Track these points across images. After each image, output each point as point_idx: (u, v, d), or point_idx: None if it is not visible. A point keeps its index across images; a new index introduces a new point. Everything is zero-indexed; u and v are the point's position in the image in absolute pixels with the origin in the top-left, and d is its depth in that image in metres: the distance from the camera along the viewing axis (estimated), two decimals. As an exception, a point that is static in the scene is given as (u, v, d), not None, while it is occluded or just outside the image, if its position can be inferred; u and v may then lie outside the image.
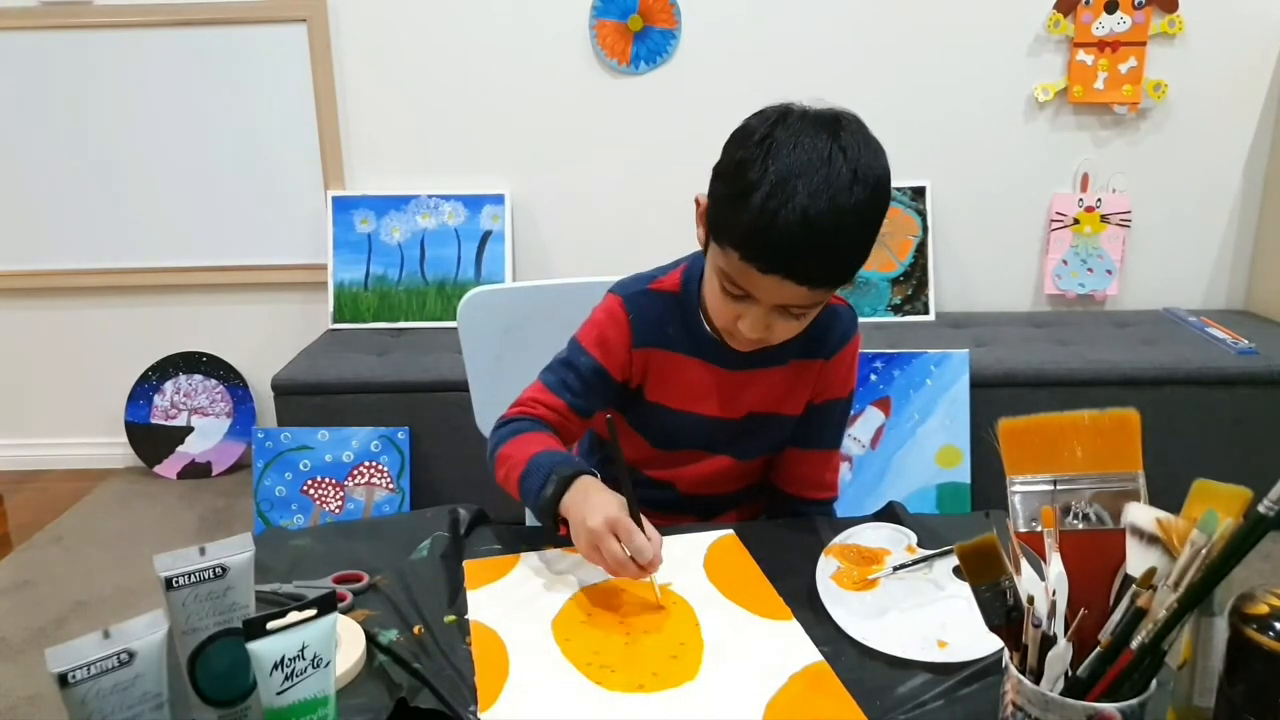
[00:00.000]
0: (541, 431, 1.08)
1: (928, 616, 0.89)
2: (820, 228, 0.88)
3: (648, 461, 1.17)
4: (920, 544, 1.01)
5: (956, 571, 0.95)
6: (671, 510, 1.18)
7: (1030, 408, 0.72)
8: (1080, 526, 0.68)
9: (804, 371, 1.12)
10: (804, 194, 0.88)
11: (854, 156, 0.91)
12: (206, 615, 0.69)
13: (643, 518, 0.93)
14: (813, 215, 0.88)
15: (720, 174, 0.97)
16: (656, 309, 1.10)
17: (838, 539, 1.03)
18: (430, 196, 2.73)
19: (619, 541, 0.90)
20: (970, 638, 0.83)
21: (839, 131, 0.92)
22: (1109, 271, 2.74)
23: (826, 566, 0.98)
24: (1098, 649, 0.63)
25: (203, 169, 2.73)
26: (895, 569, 0.97)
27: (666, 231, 2.73)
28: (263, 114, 2.69)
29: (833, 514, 1.20)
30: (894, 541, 1.02)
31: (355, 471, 2.38)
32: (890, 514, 1.09)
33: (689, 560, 1.01)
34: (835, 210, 0.89)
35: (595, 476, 0.98)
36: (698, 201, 1.02)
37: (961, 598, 0.90)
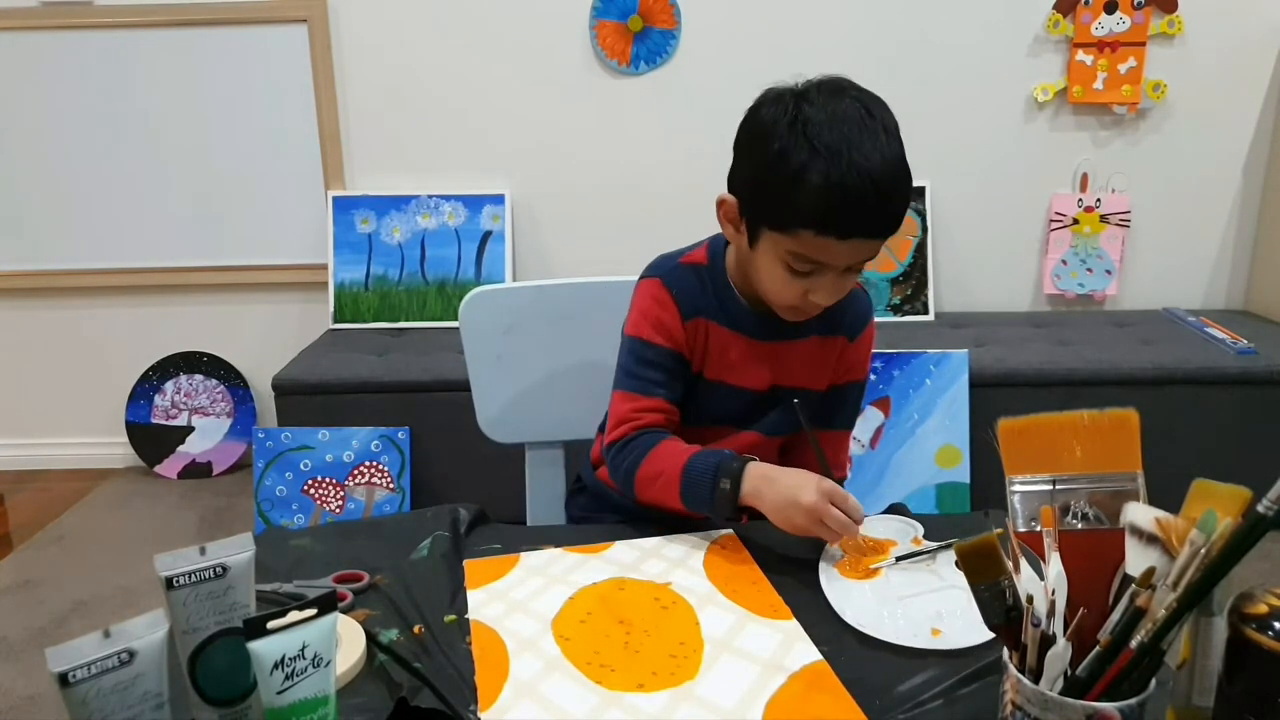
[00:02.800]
0: (669, 439, 1.09)
1: (924, 604, 0.90)
2: (882, 182, 0.94)
3: (678, 432, 1.17)
4: (926, 537, 1.02)
5: (959, 563, 0.95)
6: None
7: (1030, 408, 0.72)
8: (1079, 526, 0.69)
9: (827, 348, 1.15)
10: (859, 157, 0.93)
11: (878, 112, 0.98)
12: (207, 615, 0.69)
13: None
14: (876, 175, 0.94)
15: (759, 169, 0.99)
16: (693, 281, 1.13)
17: None
18: (430, 196, 2.73)
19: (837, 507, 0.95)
20: (965, 626, 0.84)
21: (854, 94, 0.99)
22: (1108, 271, 2.74)
23: (831, 555, 0.99)
24: (1097, 648, 0.63)
25: (203, 169, 2.73)
26: (898, 559, 0.98)
27: (667, 232, 2.72)
28: (263, 114, 2.69)
29: None
30: (901, 533, 1.03)
31: (356, 471, 2.38)
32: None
33: (689, 560, 1.01)
34: (886, 163, 0.95)
35: (755, 460, 1.03)
36: (722, 202, 1.06)
37: (960, 588, 0.90)
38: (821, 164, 0.93)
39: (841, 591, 0.93)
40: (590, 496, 1.30)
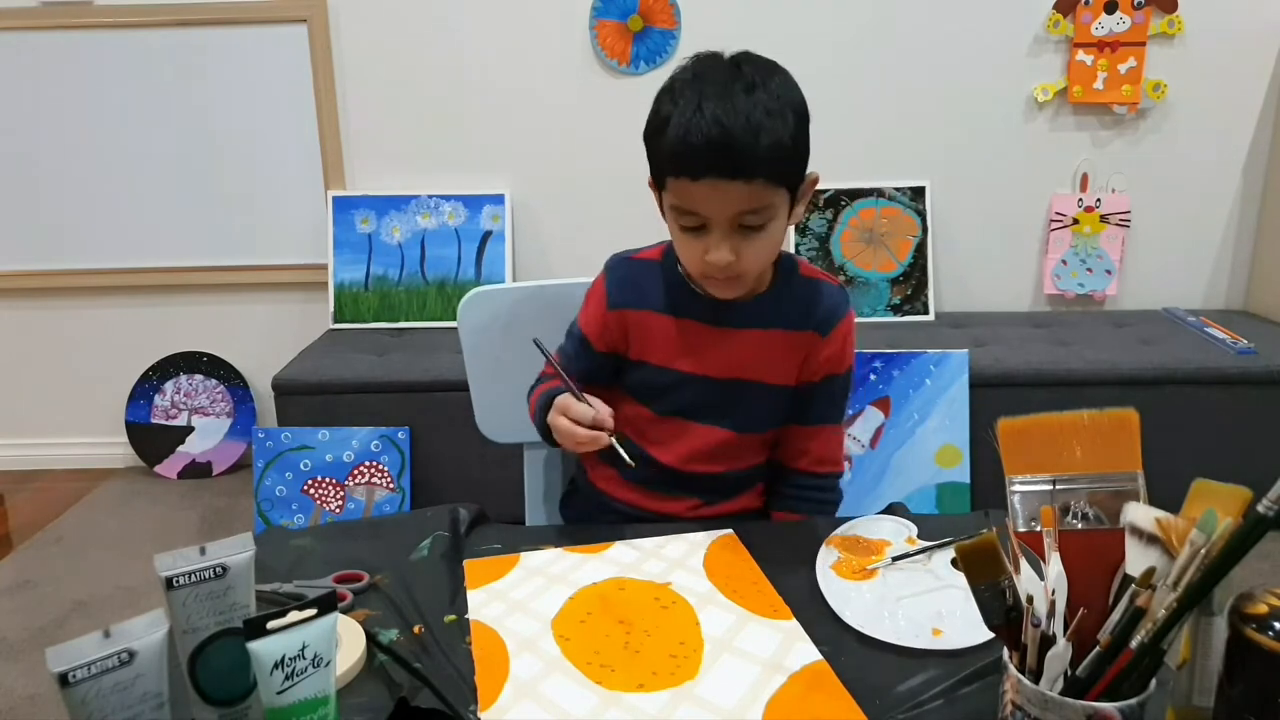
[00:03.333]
0: (545, 383, 1.20)
1: (924, 605, 0.90)
2: (731, 122, 0.96)
3: (646, 427, 1.19)
4: (921, 537, 1.02)
5: (954, 563, 0.95)
6: (674, 490, 1.18)
7: (1029, 407, 0.72)
8: (1079, 526, 0.69)
9: (793, 343, 1.14)
10: (712, 102, 0.97)
11: (752, 75, 1.00)
12: (207, 615, 0.69)
13: (586, 395, 1.08)
14: (722, 115, 0.97)
15: (645, 133, 1.07)
16: (634, 274, 1.18)
17: (839, 530, 1.05)
18: (430, 196, 2.73)
19: (567, 418, 1.05)
20: (965, 626, 0.84)
21: (738, 62, 1.03)
22: (1108, 271, 2.74)
23: (827, 556, 0.99)
24: (1097, 648, 0.63)
25: (203, 169, 2.73)
26: (894, 559, 0.98)
27: (666, 232, 2.73)
28: (263, 114, 2.69)
29: (839, 489, 1.23)
30: (895, 533, 1.04)
31: (356, 471, 2.38)
32: (892, 514, 1.10)
33: (689, 559, 1.01)
34: (743, 108, 0.97)
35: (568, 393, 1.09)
36: (651, 183, 1.11)
37: (958, 588, 0.90)
38: (679, 114, 0.99)
39: (841, 592, 0.93)
40: (584, 498, 1.30)
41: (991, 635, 0.68)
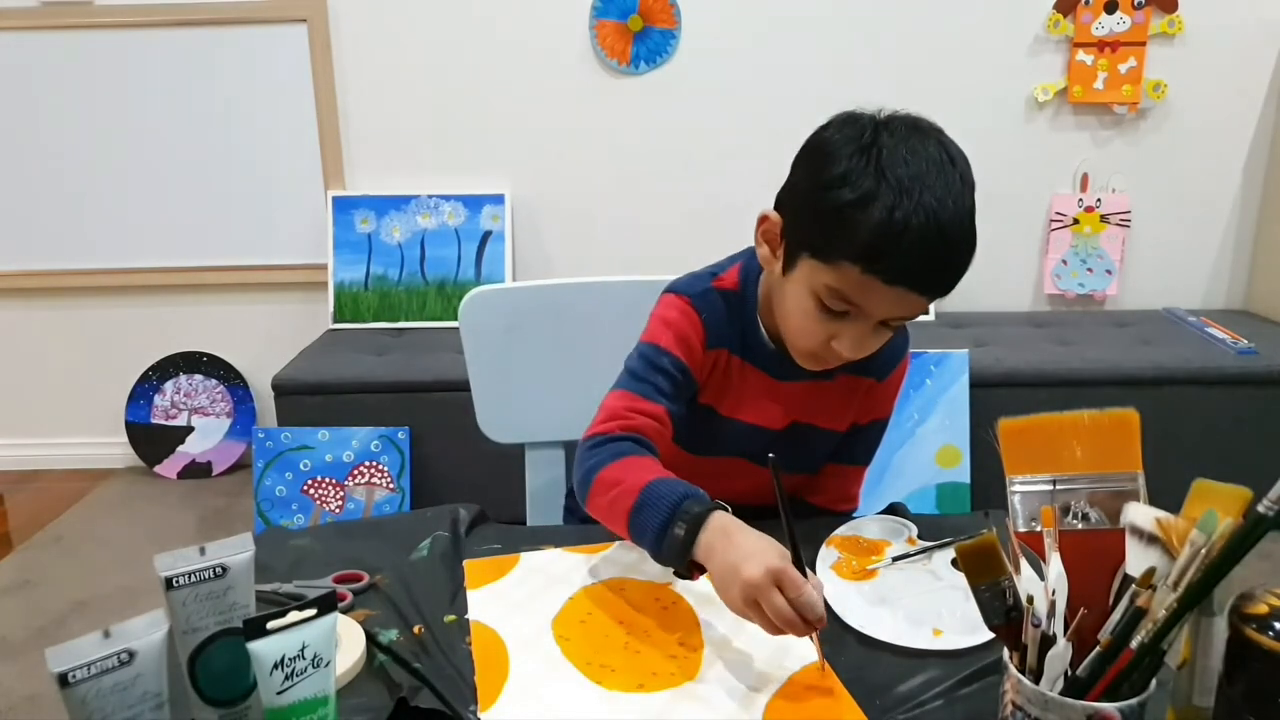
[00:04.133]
0: (648, 455, 0.98)
1: (924, 605, 0.90)
2: (950, 233, 0.87)
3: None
4: (921, 537, 1.02)
5: (954, 563, 0.95)
6: None
7: (1030, 408, 0.72)
8: (1080, 526, 0.69)
9: (853, 388, 1.10)
10: (931, 199, 0.86)
11: (960, 161, 0.90)
12: (207, 615, 0.69)
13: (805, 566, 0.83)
14: (944, 221, 0.86)
15: (815, 189, 0.92)
16: (722, 308, 1.06)
17: (840, 530, 1.05)
18: (430, 196, 2.73)
19: (783, 595, 0.78)
20: (965, 626, 0.84)
21: (940, 136, 0.91)
22: (1108, 271, 2.74)
23: (827, 556, 0.99)
24: (1097, 649, 0.63)
25: (203, 169, 2.73)
26: (894, 559, 0.98)
27: (666, 232, 2.73)
28: (263, 114, 2.69)
29: None
30: (895, 533, 1.04)
31: (355, 471, 2.38)
32: (892, 514, 1.10)
33: (689, 560, 1.01)
34: (959, 215, 0.87)
35: (728, 511, 0.88)
36: (764, 218, 0.99)
37: (958, 588, 0.90)
38: (889, 196, 0.85)
39: (841, 592, 0.93)
40: None
41: (991, 635, 0.68)
